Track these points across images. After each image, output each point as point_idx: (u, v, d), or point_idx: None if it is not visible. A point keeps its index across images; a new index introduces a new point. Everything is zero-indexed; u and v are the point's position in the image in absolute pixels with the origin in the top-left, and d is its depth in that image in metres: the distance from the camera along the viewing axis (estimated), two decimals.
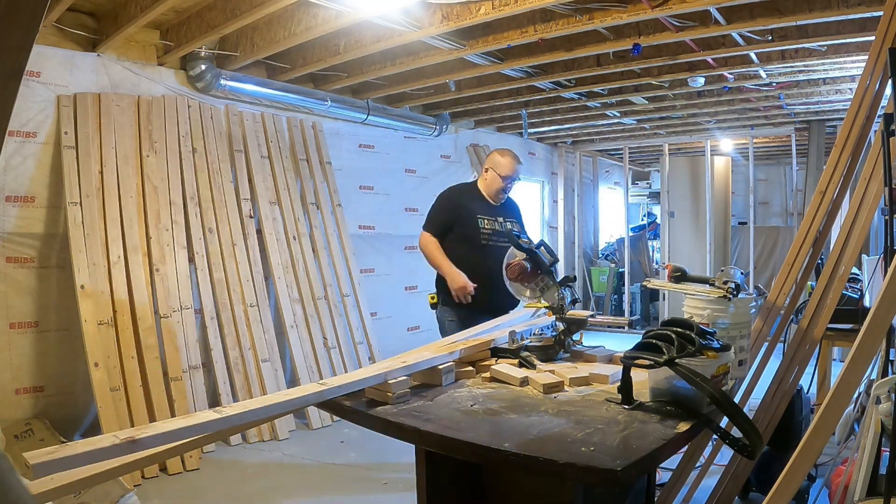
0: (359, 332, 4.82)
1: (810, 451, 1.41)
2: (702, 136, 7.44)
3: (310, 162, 4.92)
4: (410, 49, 4.14)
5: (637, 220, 10.25)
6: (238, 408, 1.45)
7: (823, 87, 5.24)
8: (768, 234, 8.50)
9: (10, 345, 3.43)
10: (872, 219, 2.43)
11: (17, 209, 3.48)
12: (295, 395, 1.55)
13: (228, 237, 4.19)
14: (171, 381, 3.64)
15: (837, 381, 1.41)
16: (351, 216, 5.18)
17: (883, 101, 2.47)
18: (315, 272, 4.65)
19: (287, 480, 3.36)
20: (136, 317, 3.58)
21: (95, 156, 3.64)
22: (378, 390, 1.66)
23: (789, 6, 3.36)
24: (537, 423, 1.46)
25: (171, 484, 3.27)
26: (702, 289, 2.03)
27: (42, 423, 3.34)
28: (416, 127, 5.95)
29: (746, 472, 2.53)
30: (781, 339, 2.71)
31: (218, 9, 3.48)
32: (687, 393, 1.47)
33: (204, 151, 4.19)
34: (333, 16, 3.41)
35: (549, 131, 7.51)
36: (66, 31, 3.59)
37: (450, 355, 1.92)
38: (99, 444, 1.22)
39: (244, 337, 4.07)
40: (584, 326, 2.20)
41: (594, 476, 1.20)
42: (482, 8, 3.32)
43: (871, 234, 5.55)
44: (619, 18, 3.37)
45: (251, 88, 4.42)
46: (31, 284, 3.52)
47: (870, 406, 1.82)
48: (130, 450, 1.26)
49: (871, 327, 1.40)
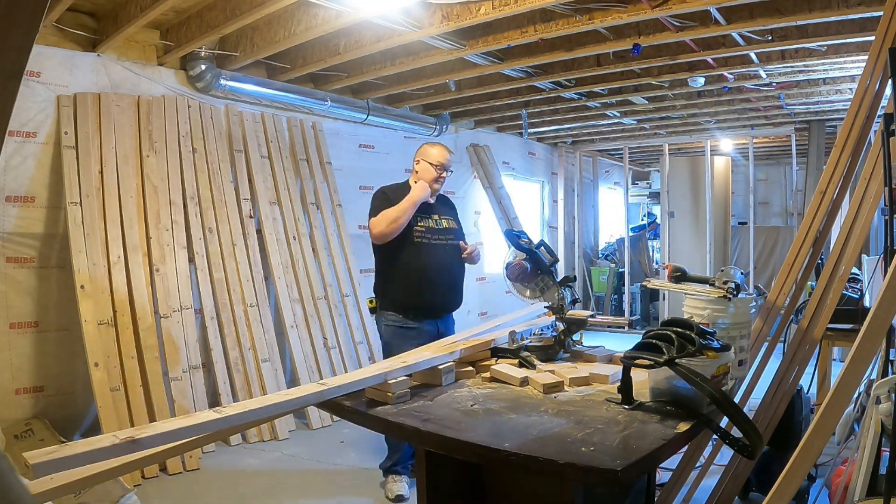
0: (359, 332, 4.82)
1: (810, 451, 1.41)
2: (702, 136, 7.44)
3: (310, 162, 4.92)
4: (410, 49, 4.14)
5: (637, 220, 10.25)
6: (238, 408, 1.45)
7: (823, 87, 5.24)
8: (768, 234, 8.50)
9: (10, 345, 3.43)
10: (872, 219, 2.43)
11: (17, 209, 3.48)
12: (295, 396, 1.55)
13: (228, 237, 4.19)
14: (171, 381, 3.65)
15: (837, 381, 1.41)
16: (351, 216, 5.18)
17: (883, 101, 2.47)
18: (315, 272, 4.65)
19: (287, 480, 3.36)
20: (136, 317, 3.58)
21: (95, 156, 3.64)
22: (378, 390, 1.66)
23: (789, 6, 3.36)
24: (537, 423, 1.46)
25: (171, 484, 3.27)
26: (702, 289, 2.03)
27: (42, 423, 3.34)
28: (416, 127, 5.95)
29: (746, 472, 2.53)
30: (781, 339, 2.71)
31: (218, 9, 3.48)
32: (687, 393, 1.47)
33: (204, 151, 4.19)
34: (333, 16, 3.41)
35: (549, 131, 7.51)
36: (66, 31, 3.59)
37: (450, 355, 1.92)
38: (99, 444, 1.22)
39: (244, 337, 4.07)
40: (584, 326, 2.20)
41: (594, 476, 1.20)
42: (482, 8, 3.32)
43: (871, 234, 5.56)
44: (619, 18, 3.37)
45: (251, 88, 4.41)
46: (31, 284, 3.52)
47: (870, 406, 1.82)
48: (130, 450, 1.26)
49: (871, 327, 1.40)
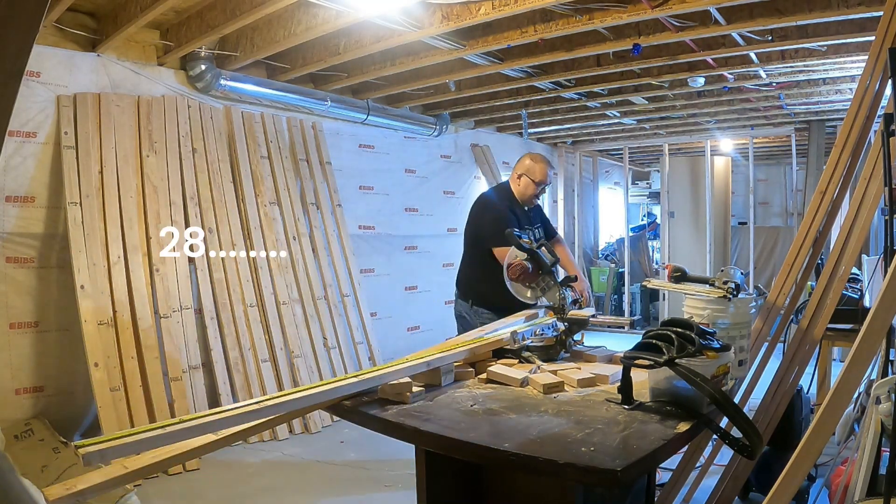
0: (359, 332, 4.82)
1: (810, 451, 1.40)
2: (702, 136, 7.44)
3: (310, 162, 4.91)
4: (410, 49, 4.14)
5: (637, 220, 10.25)
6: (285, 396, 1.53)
7: (823, 87, 5.24)
8: (768, 234, 8.50)
9: (10, 345, 3.42)
10: (872, 219, 2.43)
11: (17, 209, 3.48)
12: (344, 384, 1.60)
13: (228, 237, 4.19)
14: (171, 381, 3.64)
15: (837, 381, 1.41)
16: (351, 216, 5.18)
17: (883, 101, 2.47)
18: (315, 272, 4.65)
19: (287, 480, 3.36)
20: (136, 317, 3.58)
21: (95, 156, 3.64)
22: (393, 390, 1.67)
23: (789, 6, 3.36)
24: (537, 423, 1.46)
25: (171, 484, 3.27)
26: (702, 289, 2.03)
27: (42, 423, 3.34)
28: (416, 127, 5.95)
29: (746, 472, 2.53)
30: (781, 339, 2.71)
31: (218, 9, 3.48)
32: (687, 393, 1.47)
33: (204, 151, 4.19)
34: (333, 16, 3.41)
35: (549, 131, 7.51)
36: (66, 31, 3.59)
37: (477, 347, 2.00)
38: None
39: (244, 337, 4.07)
40: (585, 326, 2.20)
41: (594, 476, 1.20)
42: (482, 8, 3.32)
43: (871, 234, 5.55)
44: (619, 18, 3.37)
45: (251, 88, 4.41)
46: (31, 284, 3.52)
47: (870, 406, 1.81)
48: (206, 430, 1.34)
49: (871, 327, 1.40)
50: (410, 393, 1.65)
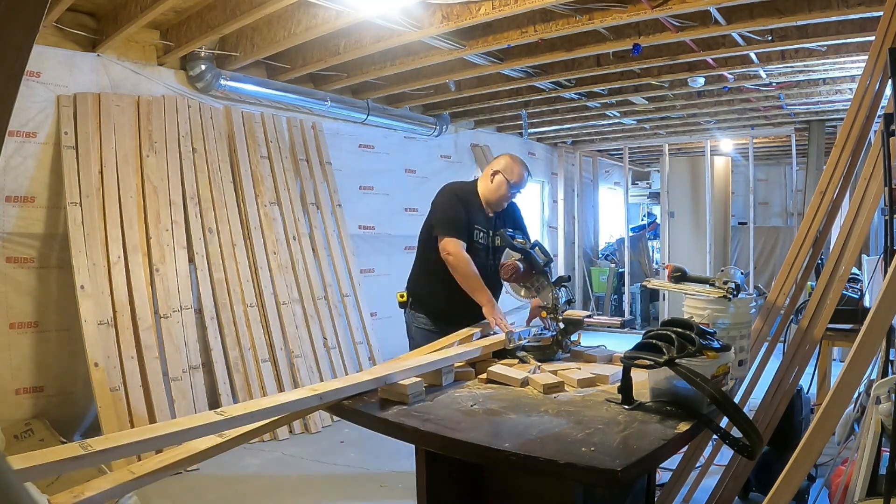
0: (359, 332, 4.82)
1: (810, 451, 1.40)
2: (702, 136, 7.44)
3: (310, 162, 4.91)
4: (410, 49, 4.14)
5: (637, 220, 10.25)
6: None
7: (823, 87, 5.24)
8: (768, 234, 8.50)
9: (10, 345, 3.42)
10: (872, 219, 2.43)
11: (17, 209, 3.48)
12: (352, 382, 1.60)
13: (228, 237, 4.18)
14: (171, 381, 3.64)
15: (837, 381, 1.41)
16: (351, 216, 5.18)
17: (883, 101, 2.47)
18: (315, 272, 4.65)
19: (287, 481, 3.36)
20: (136, 317, 3.58)
21: (95, 156, 3.64)
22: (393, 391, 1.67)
23: (789, 6, 3.36)
24: (537, 423, 1.46)
25: (171, 484, 3.26)
26: (702, 289, 2.03)
27: (42, 423, 3.34)
28: (416, 127, 5.95)
29: (746, 472, 2.53)
30: (781, 339, 2.71)
31: (218, 9, 3.48)
32: (687, 393, 1.47)
33: (204, 151, 4.19)
34: (333, 16, 3.41)
35: (549, 131, 7.51)
36: (66, 31, 3.59)
37: (474, 350, 1.98)
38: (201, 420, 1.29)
39: (244, 337, 4.07)
40: (580, 327, 2.20)
41: (594, 476, 1.20)
42: (482, 8, 3.32)
43: (871, 234, 5.55)
44: (619, 18, 3.37)
45: (251, 88, 4.41)
46: (31, 284, 3.52)
47: (870, 406, 1.82)
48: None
49: (871, 327, 1.40)
50: (410, 394, 1.64)
